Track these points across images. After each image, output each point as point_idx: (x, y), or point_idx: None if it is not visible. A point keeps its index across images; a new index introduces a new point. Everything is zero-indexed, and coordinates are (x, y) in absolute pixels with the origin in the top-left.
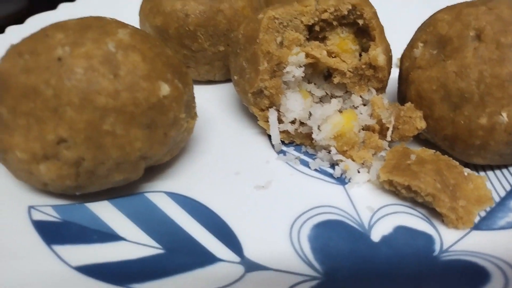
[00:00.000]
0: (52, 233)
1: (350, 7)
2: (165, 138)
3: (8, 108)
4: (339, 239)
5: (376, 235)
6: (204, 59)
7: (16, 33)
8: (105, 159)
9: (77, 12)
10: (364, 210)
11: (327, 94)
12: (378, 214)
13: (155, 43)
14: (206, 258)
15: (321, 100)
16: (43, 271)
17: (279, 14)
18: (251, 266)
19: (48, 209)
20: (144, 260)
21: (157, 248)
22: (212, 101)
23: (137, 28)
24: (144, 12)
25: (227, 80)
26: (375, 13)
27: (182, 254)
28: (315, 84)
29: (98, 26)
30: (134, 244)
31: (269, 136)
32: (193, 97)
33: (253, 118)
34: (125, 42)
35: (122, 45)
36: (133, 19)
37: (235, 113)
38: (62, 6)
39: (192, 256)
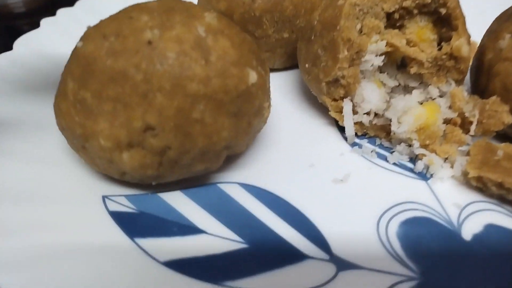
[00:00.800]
0: (132, 225)
1: None
2: (249, 127)
3: (93, 92)
4: (430, 237)
5: (466, 234)
6: (266, 45)
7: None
8: (191, 148)
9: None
10: (451, 207)
11: (399, 84)
12: (466, 211)
13: (237, 29)
14: (293, 255)
15: (393, 90)
16: (130, 266)
17: (360, 0)
18: (342, 265)
19: (122, 199)
20: (230, 255)
21: (240, 242)
22: (273, 90)
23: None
24: None
25: (286, 68)
26: (458, 2)
27: (268, 250)
28: (387, 73)
29: (183, 9)
30: (216, 237)
31: (339, 127)
32: (269, 86)
33: (318, 108)
34: (214, 26)
35: (212, 30)
36: None
37: (298, 102)
38: None
39: (278, 252)
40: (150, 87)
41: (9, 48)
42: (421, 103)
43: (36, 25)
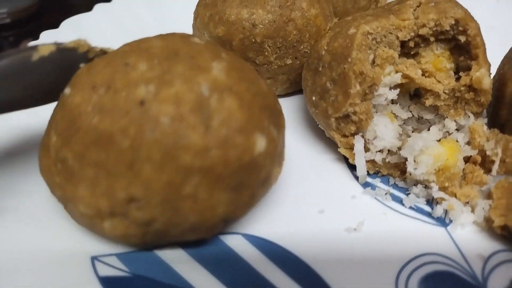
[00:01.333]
0: None
1: (453, 22)
2: (252, 199)
3: (75, 154)
4: None
5: None
6: (267, 72)
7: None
8: (180, 222)
9: (114, 13)
10: (474, 258)
11: (413, 115)
12: (490, 263)
13: (250, 76)
14: None
15: (405, 122)
16: None
17: (373, 29)
18: None
19: (113, 259)
20: None
21: None
22: None
23: (231, 55)
24: (202, 20)
25: (287, 94)
26: (479, 29)
27: None
28: (400, 104)
29: (188, 56)
30: None
31: (348, 164)
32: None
33: (326, 141)
34: (221, 82)
35: (217, 87)
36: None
37: (303, 134)
38: (97, 7)
39: None
40: (137, 157)
41: None
42: (439, 140)
43: (21, 36)
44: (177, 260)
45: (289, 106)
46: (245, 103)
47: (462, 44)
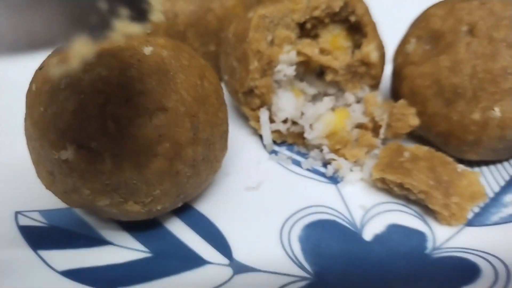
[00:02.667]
0: (39, 238)
1: (342, 4)
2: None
3: None
4: (331, 239)
5: (368, 234)
6: None
7: None
8: None
9: None
10: (356, 209)
11: (320, 92)
12: (371, 212)
13: None
14: (194, 261)
15: (314, 98)
16: (29, 276)
17: (269, 12)
18: (239, 268)
19: (35, 214)
20: (131, 264)
21: (145, 252)
22: None
23: None
24: None
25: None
26: (367, 9)
27: (170, 258)
28: (307, 82)
29: None
30: (122, 248)
31: (261, 136)
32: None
33: (245, 119)
34: None
35: None
36: None
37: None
38: None
39: (180, 260)
40: None
41: None
42: (334, 110)
43: None
44: (91, 216)
45: None
46: None
47: (355, 24)
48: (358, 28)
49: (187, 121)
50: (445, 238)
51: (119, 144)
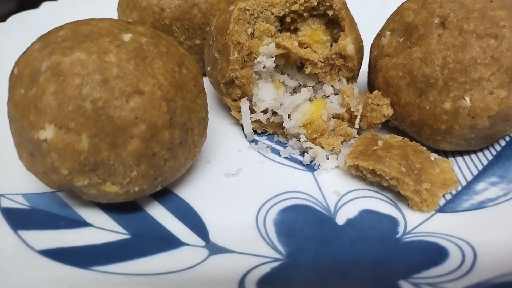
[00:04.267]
0: (19, 220)
1: None
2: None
3: None
4: (305, 223)
5: (341, 219)
6: None
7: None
8: None
9: (59, 11)
10: (331, 195)
11: (300, 84)
12: (345, 198)
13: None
14: (170, 243)
15: (295, 90)
16: (7, 255)
17: (249, 5)
18: (215, 250)
19: (18, 197)
20: (109, 244)
21: (123, 233)
22: None
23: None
24: (121, 7)
25: (204, 74)
26: (344, 4)
27: (148, 239)
28: (288, 75)
29: None
30: (101, 230)
31: (243, 126)
32: None
33: (227, 109)
34: None
35: None
36: (112, 14)
37: (210, 105)
38: (44, 5)
39: (157, 241)
40: None
41: None
42: (311, 101)
43: None
44: (74, 199)
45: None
46: None
47: (333, 18)
48: (335, 22)
49: (163, 105)
50: (416, 223)
51: (96, 125)
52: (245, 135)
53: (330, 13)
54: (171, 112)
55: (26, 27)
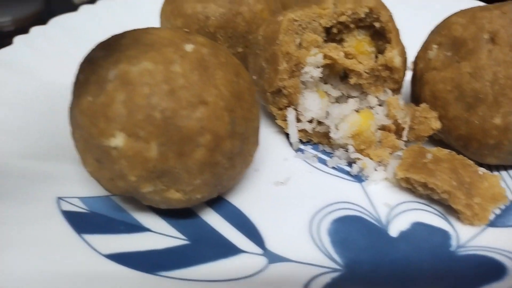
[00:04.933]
0: (81, 223)
1: (367, 10)
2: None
3: None
4: (358, 233)
5: (393, 231)
6: None
7: (40, 34)
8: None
9: (98, 14)
10: (381, 206)
11: (343, 94)
12: (395, 210)
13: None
14: (229, 250)
15: (337, 100)
16: (75, 259)
17: (298, 16)
18: (273, 258)
19: (76, 200)
20: (170, 250)
21: (182, 239)
22: None
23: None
24: (165, 14)
25: None
26: (391, 16)
27: (206, 246)
28: (331, 84)
29: None
30: (160, 235)
31: (287, 135)
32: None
33: (271, 117)
34: None
35: None
36: (154, 20)
37: None
38: (83, 8)
39: (216, 248)
40: None
41: None
42: (358, 111)
43: None
44: (129, 204)
45: None
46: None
47: (379, 30)
48: (381, 34)
49: (226, 115)
50: (468, 237)
51: (164, 133)
52: (290, 144)
53: (377, 25)
54: (232, 122)
55: (65, 29)
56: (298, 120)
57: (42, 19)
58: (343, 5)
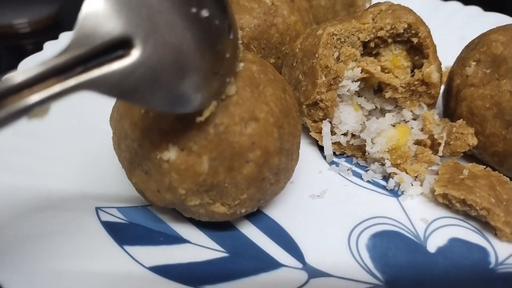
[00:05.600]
0: (121, 234)
1: (406, 26)
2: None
3: None
4: (397, 249)
5: (432, 246)
6: None
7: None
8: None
9: None
10: (418, 222)
11: (376, 107)
12: (433, 226)
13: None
14: (269, 263)
15: (370, 113)
16: (118, 270)
17: (337, 30)
18: (314, 273)
19: (114, 210)
20: (211, 262)
21: (221, 251)
22: None
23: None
24: None
25: None
26: (429, 32)
27: (246, 259)
28: (365, 97)
29: None
30: (199, 246)
31: (319, 147)
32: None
33: (304, 129)
34: None
35: None
36: None
37: None
38: None
39: (255, 261)
40: None
41: (14, 67)
42: (394, 125)
43: (40, 44)
44: (167, 214)
45: None
46: None
47: (416, 45)
48: (418, 49)
49: (275, 131)
50: (507, 254)
51: (217, 148)
52: (324, 156)
53: (415, 40)
54: (281, 138)
55: None
56: (333, 133)
57: (57, 21)
58: (382, 20)
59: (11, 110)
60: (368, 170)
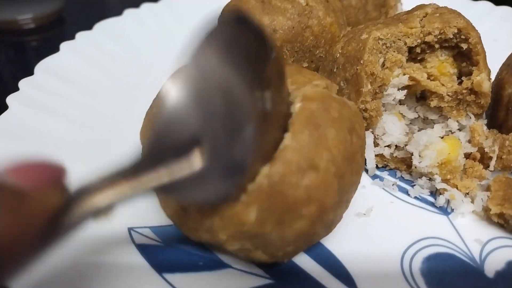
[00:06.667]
0: (159, 260)
1: (456, 31)
2: None
3: None
4: (454, 274)
5: (489, 271)
6: None
7: (85, 39)
8: None
9: (141, 19)
10: (472, 243)
11: (419, 116)
12: (488, 247)
13: None
14: None
15: (412, 122)
16: None
17: (384, 35)
18: None
19: (147, 231)
20: None
21: (265, 277)
22: None
23: None
24: None
25: None
26: (479, 38)
27: (292, 285)
28: (407, 106)
29: None
30: (242, 272)
31: None
32: None
33: None
34: None
35: None
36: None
37: None
38: (127, 12)
39: (303, 287)
40: None
41: (18, 62)
42: (442, 137)
43: (44, 41)
44: None
45: None
46: None
47: (464, 51)
48: (465, 55)
49: (335, 183)
50: None
51: (268, 200)
52: (366, 170)
53: (464, 46)
54: (340, 190)
55: (110, 34)
56: (376, 144)
57: (61, 18)
58: (431, 24)
59: (82, 213)
60: (414, 185)
